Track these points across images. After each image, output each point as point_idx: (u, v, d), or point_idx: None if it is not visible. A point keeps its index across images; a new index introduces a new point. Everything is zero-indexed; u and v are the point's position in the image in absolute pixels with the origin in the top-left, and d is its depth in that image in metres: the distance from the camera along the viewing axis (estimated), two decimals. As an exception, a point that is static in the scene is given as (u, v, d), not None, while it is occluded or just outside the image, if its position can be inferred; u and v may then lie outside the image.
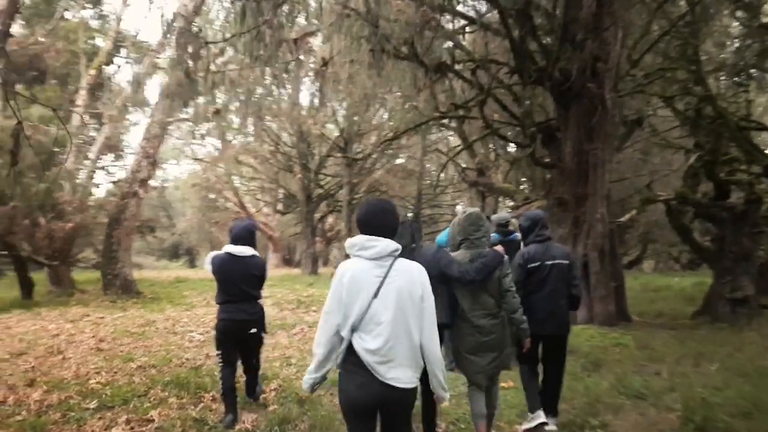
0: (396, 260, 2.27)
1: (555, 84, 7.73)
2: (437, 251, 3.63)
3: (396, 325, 2.18)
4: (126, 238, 12.99)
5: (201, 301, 12.44)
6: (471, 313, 3.47)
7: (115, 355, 6.40)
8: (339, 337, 2.25)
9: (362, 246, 2.27)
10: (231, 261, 4.15)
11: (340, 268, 2.32)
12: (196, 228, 38.68)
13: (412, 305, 2.22)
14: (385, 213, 2.39)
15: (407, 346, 2.20)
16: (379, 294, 2.19)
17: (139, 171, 13.04)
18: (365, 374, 2.18)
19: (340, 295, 2.24)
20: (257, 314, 4.33)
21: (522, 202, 10.77)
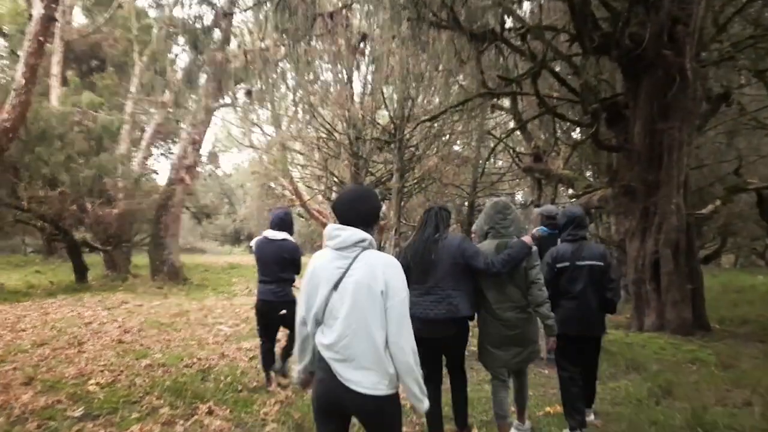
0: (363, 252, 2.06)
1: (623, 52, 6.60)
2: (462, 241, 3.41)
3: (351, 321, 1.99)
4: (173, 225, 13.01)
5: (243, 289, 12.26)
6: (496, 306, 3.35)
7: (132, 350, 6.10)
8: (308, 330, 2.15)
9: (329, 235, 2.13)
10: (266, 243, 4.51)
11: (311, 259, 2.19)
12: (255, 215, 39.45)
13: (371, 301, 1.99)
14: (355, 200, 2.18)
15: (368, 347, 1.99)
16: (339, 287, 2.03)
17: (185, 157, 12.98)
18: (326, 371, 2.05)
19: (305, 285, 2.13)
20: (285, 296, 4.46)
21: (583, 191, 9.63)
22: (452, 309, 3.18)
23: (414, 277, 3.17)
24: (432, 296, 3.21)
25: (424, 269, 3.27)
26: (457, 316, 3.20)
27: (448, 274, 3.23)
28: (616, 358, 5.63)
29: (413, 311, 2.51)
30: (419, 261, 3.28)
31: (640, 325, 7.12)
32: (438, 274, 3.23)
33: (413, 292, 2.91)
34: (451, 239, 3.36)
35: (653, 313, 6.97)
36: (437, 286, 3.22)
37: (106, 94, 16.53)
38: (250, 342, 6.57)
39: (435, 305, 3.19)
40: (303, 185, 27.93)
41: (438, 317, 3.17)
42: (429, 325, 3.14)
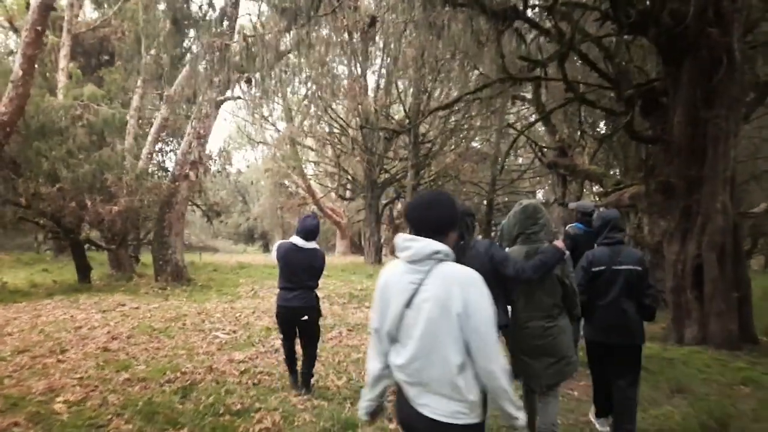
0: (438, 265, 1.86)
1: (662, 31, 5.87)
2: (490, 246, 3.18)
3: (424, 343, 1.82)
4: (177, 223, 12.53)
5: (249, 291, 11.71)
6: (524, 314, 3.18)
7: (115, 359, 5.57)
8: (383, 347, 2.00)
9: (400, 246, 1.93)
10: (295, 251, 4.43)
11: (383, 270, 2.06)
12: (268, 213, 39.18)
13: (446, 322, 1.79)
14: (428, 206, 1.97)
15: (441, 372, 1.80)
16: (412, 303, 1.85)
17: (189, 152, 12.49)
18: (400, 394, 1.95)
19: (378, 299, 2.00)
20: (310, 303, 4.48)
21: (612, 188, 8.88)
22: None
23: None
24: None
25: None
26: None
27: None
28: (657, 378, 4.93)
29: None
30: None
31: (680, 337, 6.38)
32: None
33: None
34: (479, 246, 3.15)
35: (695, 325, 6.22)
36: None
37: (113, 89, 16.20)
38: (245, 352, 6.00)
39: None
40: (315, 183, 27.46)
41: None
42: None
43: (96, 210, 10.82)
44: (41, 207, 10.90)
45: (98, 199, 11.02)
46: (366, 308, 10.39)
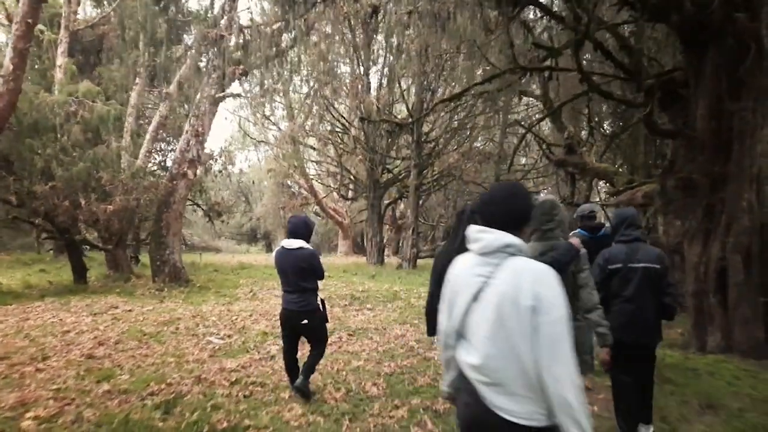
0: (509, 258, 1.77)
1: (684, 18, 5.48)
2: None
3: (497, 342, 1.71)
4: (175, 222, 12.20)
5: (248, 293, 11.35)
6: None
7: (98, 368, 5.21)
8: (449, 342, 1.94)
9: (471, 238, 1.88)
10: (283, 253, 4.33)
11: (453, 262, 1.99)
12: (271, 213, 38.85)
13: (517, 318, 1.67)
14: (501, 198, 1.91)
15: (518, 371, 1.68)
16: (480, 298, 1.78)
17: (187, 150, 12.14)
18: (472, 394, 1.80)
19: (447, 292, 1.94)
20: (307, 306, 4.30)
21: (624, 187, 8.47)
22: None
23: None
24: None
25: None
26: None
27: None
28: (683, 391, 4.53)
29: None
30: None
31: (701, 344, 5.98)
32: None
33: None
34: None
35: (718, 332, 5.82)
36: None
37: (111, 86, 15.89)
38: (239, 359, 5.64)
39: None
40: (318, 183, 27.10)
41: None
42: None
43: (90, 209, 10.49)
44: (34, 206, 10.58)
45: (93, 198, 10.69)
46: (368, 310, 10.06)
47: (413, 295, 11.36)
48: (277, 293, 11.42)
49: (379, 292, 11.58)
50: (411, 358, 5.78)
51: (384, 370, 5.26)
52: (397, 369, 5.31)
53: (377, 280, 14.39)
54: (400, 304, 10.53)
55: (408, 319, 8.85)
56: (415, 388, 4.70)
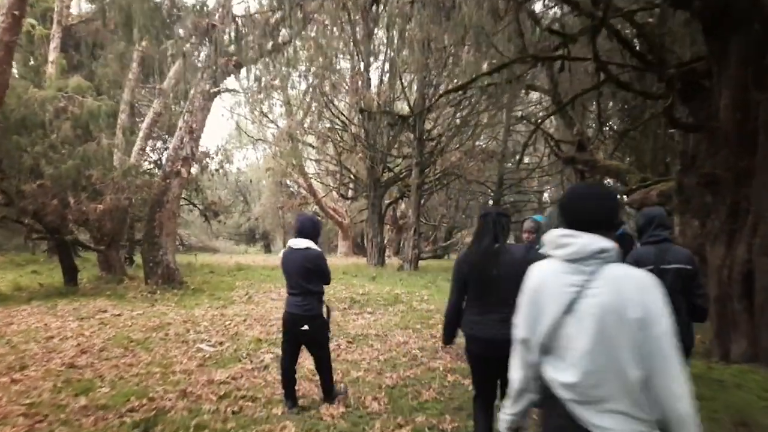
0: (605, 266, 1.64)
1: (707, 3, 5.11)
2: (528, 251, 3.04)
3: (598, 357, 1.59)
4: (168, 222, 11.81)
5: (243, 295, 10.96)
6: None
7: (78, 379, 4.83)
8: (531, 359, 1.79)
9: (556, 243, 1.74)
10: (289, 253, 4.18)
11: (531, 270, 1.85)
12: (270, 213, 38.49)
13: (622, 331, 1.56)
14: (591, 198, 1.79)
15: (620, 387, 1.57)
16: (574, 310, 1.64)
17: (181, 148, 11.76)
18: (564, 416, 1.65)
19: (527, 303, 1.81)
20: (310, 311, 4.09)
21: (637, 185, 8.09)
22: None
23: (473, 294, 3.03)
24: (496, 315, 2.88)
25: (486, 285, 2.96)
26: None
27: (514, 290, 2.52)
28: (712, 406, 4.15)
29: (475, 331, 2.88)
30: (478, 276, 2.99)
31: (724, 352, 5.60)
32: (502, 290, 2.83)
33: (474, 310, 2.96)
34: (515, 250, 3.01)
35: (743, 339, 5.44)
36: (501, 305, 2.82)
37: (105, 82, 15.51)
38: (230, 369, 5.26)
39: (499, 325, 2.79)
40: (317, 182, 26.71)
41: (506, 337, 2.53)
42: (494, 345, 2.82)
43: (80, 208, 10.11)
44: (22, 205, 10.20)
45: (83, 197, 10.30)
46: (368, 314, 9.69)
47: (415, 298, 10.99)
48: (274, 296, 11.05)
49: (380, 295, 11.20)
50: (414, 368, 5.40)
51: (385, 382, 4.88)
52: (400, 381, 4.93)
53: (378, 282, 14.00)
54: (402, 308, 10.16)
55: (410, 324, 8.49)
56: (419, 403, 4.32)
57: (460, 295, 3.12)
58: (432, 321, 8.45)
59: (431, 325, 8.19)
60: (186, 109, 11.73)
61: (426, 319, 8.84)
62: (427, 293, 11.66)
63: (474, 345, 3.04)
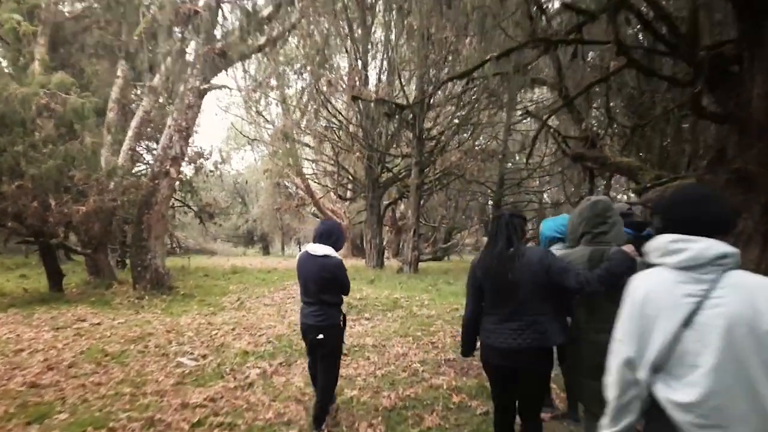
0: (727, 273, 1.52)
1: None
2: (545, 255, 2.78)
3: (724, 374, 1.45)
4: (157, 225, 11.28)
5: (235, 301, 10.43)
6: (586, 326, 2.74)
7: (37, 402, 4.30)
8: (637, 378, 1.65)
9: (665, 249, 1.62)
10: (306, 259, 3.93)
11: (633, 280, 1.75)
12: (268, 214, 37.92)
13: (754, 345, 1.43)
14: (705, 201, 1.68)
15: (749, 408, 1.42)
16: (694, 322, 1.51)
17: (170, 147, 11.24)
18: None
19: (633, 317, 1.65)
20: (325, 321, 3.86)
21: (651, 183, 7.55)
22: (540, 337, 2.72)
23: (489, 300, 2.90)
24: (513, 323, 2.77)
25: (502, 292, 2.81)
26: (546, 346, 2.74)
27: (531, 296, 2.75)
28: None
29: (492, 340, 2.81)
30: (494, 282, 2.84)
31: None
32: (519, 296, 2.75)
33: (491, 317, 2.85)
34: (531, 254, 2.80)
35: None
36: (519, 311, 2.76)
37: (95, 81, 14.98)
38: (209, 387, 4.73)
39: (518, 333, 2.74)
40: (314, 183, 26.13)
41: (523, 347, 2.72)
42: (512, 355, 2.75)
43: (62, 210, 9.57)
44: (2, 207, 9.67)
45: (66, 199, 9.77)
46: (366, 321, 9.18)
47: (415, 303, 10.47)
48: (267, 301, 10.53)
49: (378, 300, 10.68)
50: (415, 385, 4.87)
51: (383, 404, 4.35)
52: (399, 402, 4.40)
53: (376, 286, 13.49)
54: (401, 314, 9.65)
55: (410, 332, 7.98)
56: (421, 430, 3.79)
57: (477, 301, 2.98)
58: (433, 328, 7.94)
59: (432, 332, 7.68)
60: (175, 107, 11.21)
61: (427, 325, 8.34)
62: (428, 297, 11.14)
63: (491, 355, 2.88)
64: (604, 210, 2.90)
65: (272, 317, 8.76)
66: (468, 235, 30.60)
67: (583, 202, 3.07)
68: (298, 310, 10.31)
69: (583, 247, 2.90)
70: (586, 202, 3.04)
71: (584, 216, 2.95)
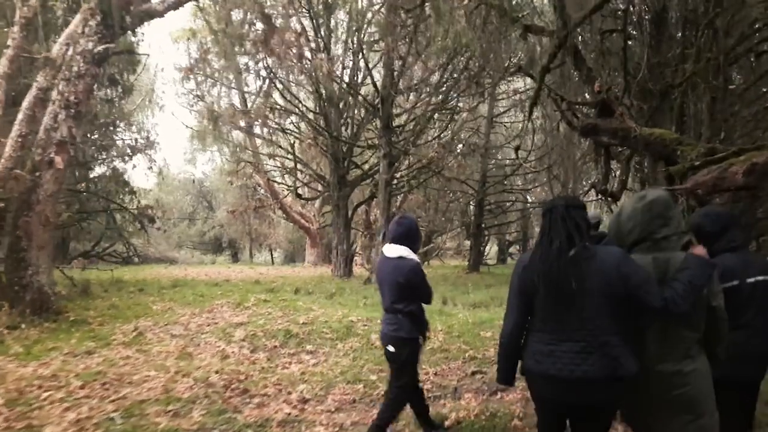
0: None
1: None
2: (622, 259, 2.25)
3: None
4: (39, 231, 8.65)
5: (131, 331, 7.77)
6: (652, 353, 2.30)
7: None
8: None
9: None
10: (381, 262, 3.73)
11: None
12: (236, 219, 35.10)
13: None
14: None
15: None
16: None
17: (55, 128, 8.65)
18: None
19: None
20: (398, 331, 3.54)
21: (701, 161, 5.21)
22: (613, 364, 2.17)
23: (541, 314, 2.35)
24: (576, 344, 2.22)
25: (561, 302, 2.26)
26: (618, 375, 2.17)
27: (600, 311, 2.22)
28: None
29: (544, 366, 2.28)
30: (551, 290, 2.27)
31: None
32: (584, 310, 2.22)
33: (543, 336, 2.34)
34: (604, 256, 2.26)
35: None
36: (584, 329, 2.22)
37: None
38: None
39: (583, 358, 2.19)
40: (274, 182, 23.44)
41: (589, 376, 2.17)
42: (575, 387, 2.21)
43: None
44: None
45: None
46: (307, 355, 6.88)
47: (375, 328, 8.05)
48: (177, 331, 7.98)
49: (329, 324, 8.23)
50: None
51: None
52: None
53: (334, 302, 11.00)
54: (355, 344, 7.32)
55: (363, 373, 5.82)
56: None
57: (522, 315, 2.41)
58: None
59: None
60: (61, 77, 8.63)
61: (386, 364, 6.03)
62: (394, 320, 8.70)
63: (542, 385, 2.34)
64: (665, 208, 2.39)
65: (168, 358, 6.26)
66: (448, 238, 28.42)
67: (631, 201, 2.53)
68: (214, 342, 7.69)
69: (641, 255, 2.34)
70: (639, 201, 2.47)
71: (638, 217, 2.43)
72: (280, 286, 13.79)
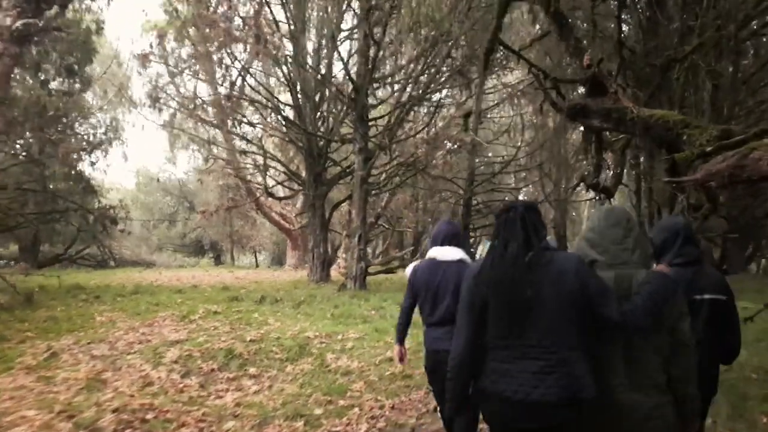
0: None
1: None
2: (580, 266, 2.07)
3: None
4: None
5: (44, 351, 6.61)
6: (617, 380, 2.05)
7: None
8: None
9: None
10: (431, 267, 3.32)
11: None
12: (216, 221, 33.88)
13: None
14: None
15: None
16: None
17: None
18: None
19: None
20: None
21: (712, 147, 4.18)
22: (571, 384, 1.93)
23: (496, 326, 2.08)
24: (533, 362, 1.97)
25: (515, 314, 2.02)
26: (580, 398, 1.93)
27: (560, 323, 1.99)
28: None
29: (500, 387, 2.03)
30: (506, 299, 2.04)
31: None
32: (541, 321, 1.98)
33: (498, 352, 2.07)
34: (562, 261, 2.06)
35: None
36: (541, 345, 1.97)
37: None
38: None
39: (540, 379, 1.93)
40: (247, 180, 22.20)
41: (547, 399, 1.92)
42: (530, 411, 1.95)
43: None
44: None
45: None
46: (249, 380, 5.85)
47: (334, 346, 7.02)
48: (101, 351, 6.80)
49: (281, 341, 7.16)
50: None
51: None
52: None
53: (298, 313, 9.88)
54: (307, 366, 6.31)
55: (307, 406, 4.86)
56: None
57: (474, 330, 2.12)
58: (347, 398, 4.70)
59: (342, 408, 4.53)
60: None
61: (338, 392, 5.22)
62: (357, 335, 7.63)
63: (498, 408, 2.06)
64: (624, 220, 2.21)
65: (70, 388, 5.16)
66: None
67: (595, 213, 2.48)
68: (138, 365, 6.52)
69: (604, 271, 2.12)
70: (598, 211, 2.44)
71: (598, 230, 2.24)
72: (248, 293, 12.68)
